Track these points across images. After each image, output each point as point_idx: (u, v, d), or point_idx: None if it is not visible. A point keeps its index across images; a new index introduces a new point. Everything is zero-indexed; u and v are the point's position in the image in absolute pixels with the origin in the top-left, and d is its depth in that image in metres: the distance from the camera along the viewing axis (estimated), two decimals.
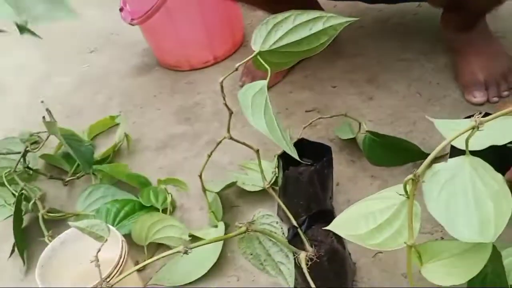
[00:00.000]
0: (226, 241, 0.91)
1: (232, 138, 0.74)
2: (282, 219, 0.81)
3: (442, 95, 1.14)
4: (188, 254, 0.58)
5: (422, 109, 1.11)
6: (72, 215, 1.01)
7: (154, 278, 0.90)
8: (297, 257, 0.67)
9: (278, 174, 0.93)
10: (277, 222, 0.66)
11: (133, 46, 1.67)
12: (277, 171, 0.93)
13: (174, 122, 1.29)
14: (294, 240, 0.73)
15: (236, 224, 0.65)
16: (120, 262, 0.79)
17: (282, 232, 0.67)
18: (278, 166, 0.92)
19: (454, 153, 0.57)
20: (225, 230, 0.92)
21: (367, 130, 0.98)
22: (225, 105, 0.69)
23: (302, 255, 0.67)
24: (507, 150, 0.58)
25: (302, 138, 0.94)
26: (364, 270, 0.83)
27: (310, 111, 1.19)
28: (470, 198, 0.53)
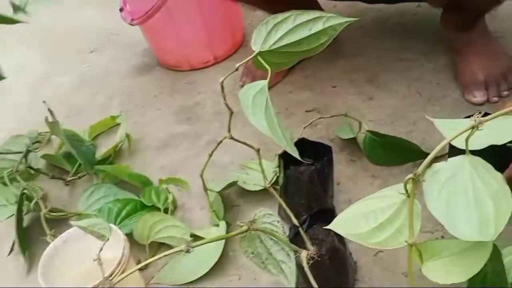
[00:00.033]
0: (227, 240, 0.91)
1: (232, 138, 0.74)
2: (283, 219, 0.82)
3: (442, 95, 1.14)
4: (190, 253, 0.59)
5: (422, 109, 1.11)
6: (74, 215, 1.01)
7: (156, 277, 0.90)
8: (298, 256, 0.67)
9: (279, 173, 0.93)
10: (278, 221, 0.66)
11: (133, 46, 1.67)
12: (278, 171, 0.93)
13: (175, 122, 1.29)
14: (295, 239, 0.73)
15: (237, 223, 0.65)
16: (122, 261, 0.79)
17: (283, 231, 0.67)
18: (279, 165, 0.92)
19: (452, 152, 0.57)
20: (226, 229, 0.92)
21: (368, 130, 0.98)
22: (225, 105, 0.70)
23: (303, 254, 0.67)
24: (506, 149, 0.58)
25: (302, 137, 0.94)
26: (365, 269, 0.83)
27: (310, 111, 1.19)
28: (470, 197, 0.53)
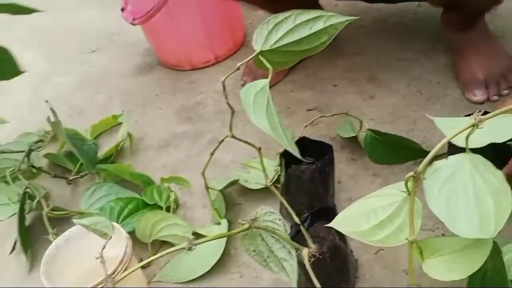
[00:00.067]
0: (229, 238, 0.92)
1: (234, 137, 0.74)
2: (285, 217, 0.82)
3: (442, 94, 1.14)
4: (192, 251, 0.59)
5: (423, 108, 1.12)
6: (76, 214, 1.01)
7: (158, 275, 0.91)
8: (299, 253, 0.67)
9: (280, 172, 0.93)
10: (279, 219, 0.67)
11: (134, 46, 1.67)
12: (279, 169, 0.94)
13: (176, 121, 1.30)
14: (297, 237, 0.73)
15: (239, 221, 0.65)
16: (124, 259, 0.79)
17: (285, 229, 0.67)
18: (280, 164, 0.93)
19: (451, 151, 0.58)
20: (228, 227, 0.92)
21: (368, 129, 0.98)
22: (227, 103, 0.70)
23: (305, 252, 0.67)
24: (505, 146, 0.58)
25: (303, 136, 0.95)
26: (366, 266, 0.84)
27: (311, 110, 1.20)
28: (470, 195, 0.54)
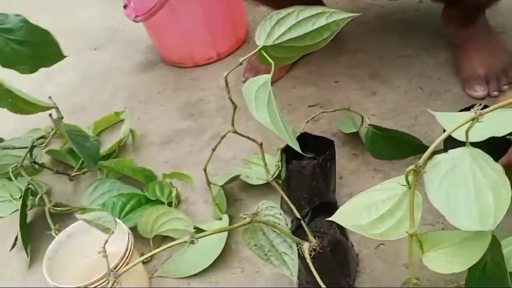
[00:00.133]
0: (230, 233, 0.92)
1: (236, 132, 0.75)
2: (286, 212, 0.82)
3: (443, 90, 1.14)
4: (194, 244, 0.59)
5: (424, 103, 1.12)
6: (78, 209, 1.02)
7: (160, 270, 0.91)
8: (300, 248, 0.67)
9: (281, 167, 0.94)
10: (280, 214, 0.67)
11: (136, 43, 1.68)
12: (280, 165, 0.94)
13: (179, 118, 1.30)
14: (298, 231, 0.73)
15: (240, 215, 0.66)
16: (126, 254, 0.80)
17: (286, 223, 0.67)
18: (281, 159, 0.93)
19: (449, 145, 0.58)
20: (229, 222, 0.92)
21: (370, 124, 0.98)
22: (229, 99, 0.70)
23: (306, 246, 0.67)
24: (502, 140, 0.59)
25: (305, 132, 0.95)
26: (366, 261, 0.84)
27: (313, 106, 1.20)
28: (470, 189, 0.54)
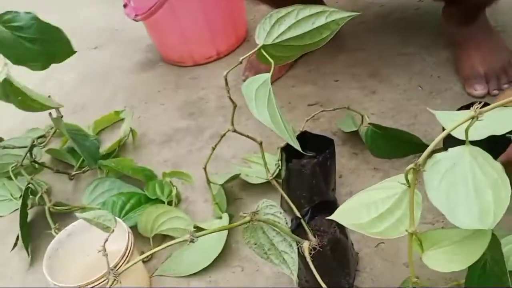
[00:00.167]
0: (230, 232, 0.92)
1: (236, 131, 0.75)
2: (285, 211, 0.82)
3: (443, 88, 1.14)
4: (194, 243, 0.59)
5: (424, 102, 1.12)
6: (78, 208, 1.02)
7: (160, 269, 0.91)
8: (300, 246, 0.67)
9: (281, 166, 0.94)
10: (280, 212, 0.67)
11: (136, 42, 1.68)
12: (280, 164, 0.94)
13: (178, 117, 1.30)
14: (298, 230, 0.73)
15: (240, 214, 0.66)
16: (126, 253, 0.80)
17: (286, 222, 0.67)
18: (281, 158, 0.93)
19: (448, 144, 0.58)
20: (229, 221, 0.93)
21: (370, 123, 0.98)
22: (229, 98, 0.70)
23: (305, 245, 0.67)
24: (501, 138, 0.59)
25: (305, 130, 0.95)
26: (366, 259, 0.84)
27: (313, 105, 1.20)
28: (470, 187, 0.54)
